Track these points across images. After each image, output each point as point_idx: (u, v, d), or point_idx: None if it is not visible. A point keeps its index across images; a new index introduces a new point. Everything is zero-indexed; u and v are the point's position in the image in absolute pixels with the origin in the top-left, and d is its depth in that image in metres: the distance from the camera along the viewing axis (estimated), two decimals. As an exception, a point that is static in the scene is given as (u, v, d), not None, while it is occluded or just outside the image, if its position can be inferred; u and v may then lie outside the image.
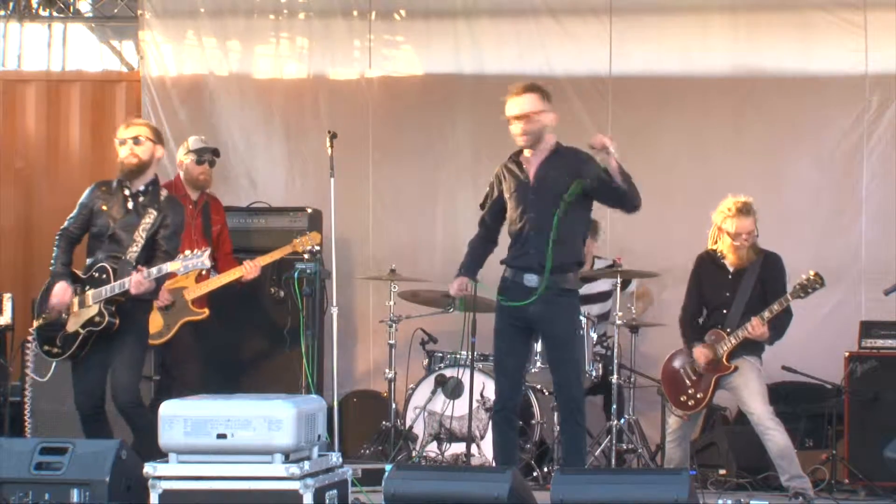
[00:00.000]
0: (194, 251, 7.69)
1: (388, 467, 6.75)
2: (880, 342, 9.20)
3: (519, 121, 7.63)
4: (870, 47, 10.17)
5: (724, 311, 8.61)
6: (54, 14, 11.46)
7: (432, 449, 9.20)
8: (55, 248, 7.91)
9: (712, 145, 10.40)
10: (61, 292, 7.79)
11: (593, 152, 7.52)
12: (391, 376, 9.74)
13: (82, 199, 7.98)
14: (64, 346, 7.79)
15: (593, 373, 9.37)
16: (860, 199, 10.22)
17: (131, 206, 7.87)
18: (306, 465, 6.66)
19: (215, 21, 11.01)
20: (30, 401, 8.61)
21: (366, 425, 9.94)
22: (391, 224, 10.74)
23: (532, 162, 7.64)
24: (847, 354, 9.17)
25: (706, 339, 8.57)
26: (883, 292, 9.13)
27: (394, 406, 9.61)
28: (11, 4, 11.35)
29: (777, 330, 8.51)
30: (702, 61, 10.46)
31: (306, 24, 11.00)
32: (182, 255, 7.67)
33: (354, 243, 10.59)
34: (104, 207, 7.89)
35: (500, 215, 7.78)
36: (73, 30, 11.51)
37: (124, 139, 7.92)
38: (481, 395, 8.92)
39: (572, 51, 10.59)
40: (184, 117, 10.91)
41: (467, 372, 8.80)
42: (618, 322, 9.23)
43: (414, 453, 9.21)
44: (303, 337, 8.88)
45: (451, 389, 9.23)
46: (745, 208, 8.53)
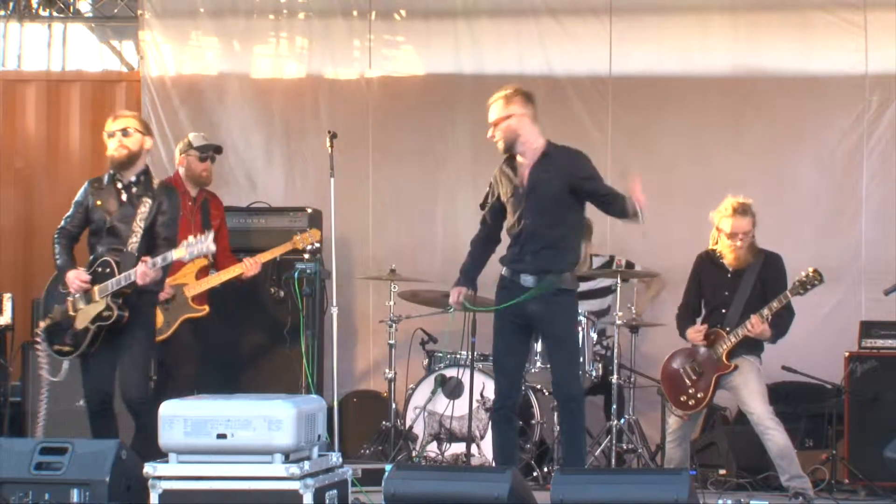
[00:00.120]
0: (198, 237, 7.71)
1: (388, 467, 6.75)
2: (880, 342, 9.20)
3: (490, 128, 7.69)
4: (870, 47, 10.17)
5: (723, 310, 8.61)
6: (54, 14, 11.46)
7: (432, 449, 9.20)
8: (55, 246, 7.92)
9: (712, 145, 10.40)
10: (75, 277, 7.80)
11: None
12: (391, 376, 9.74)
13: (77, 198, 8.00)
14: (75, 343, 7.81)
15: (593, 373, 9.38)
16: (860, 199, 10.22)
17: (125, 197, 7.89)
18: (306, 465, 6.66)
19: (215, 21, 11.01)
20: (46, 402, 8.58)
21: (366, 425, 9.94)
22: (391, 224, 10.74)
23: (524, 166, 7.66)
24: (847, 354, 9.17)
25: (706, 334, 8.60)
26: (883, 292, 9.13)
27: (394, 406, 9.61)
28: (11, 4, 11.35)
29: (779, 328, 8.51)
30: (702, 61, 10.46)
31: (306, 24, 11.00)
32: (186, 242, 7.69)
33: (354, 243, 10.59)
34: (98, 203, 7.91)
35: (501, 215, 7.79)
36: (73, 30, 11.51)
37: (113, 132, 7.93)
38: (481, 395, 8.92)
39: (572, 51, 10.59)
40: (184, 117, 10.91)
41: (467, 372, 8.81)
42: (618, 322, 9.24)
43: (414, 453, 9.21)
44: (303, 337, 8.88)
45: (451, 389, 9.23)
46: (742, 209, 8.54)
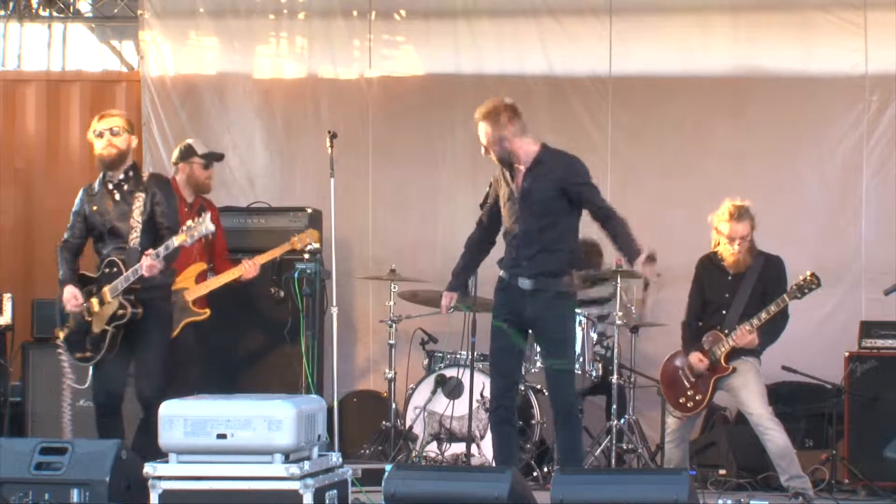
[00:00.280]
0: (195, 220, 7.72)
1: (388, 467, 6.75)
2: (880, 342, 9.19)
3: (482, 147, 7.71)
4: (870, 47, 10.16)
5: (722, 311, 8.62)
6: (54, 14, 11.46)
7: (432, 449, 9.20)
8: (58, 258, 7.98)
9: (712, 145, 10.40)
10: (70, 297, 7.87)
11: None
12: (391, 376, 9.74)
13: (74, 208, 8.07)
14: (95, 348, 7.83)
15: (593, 373, 9.38)
16: (860, 199, 10.22)
17: (119, 196, 7.91)
18: (306, 465, 6.66)
19: (215, 21, 11.01)
20: (69, 405, 8.58)
21: (366, 425, 9.94)
22: (391, 224, 10.74)
23: (520, 171, 7.67)
24: (847, 354, 9.17)
25: (703, 339, 8.59)
26: (883, 292, 9.15)
27: (394, 406, 9.61)
28: (11, 4, 11.35)
29: (769, 335, 8.52)
30: (702, 61, 10.46)
31: (306, 24, 11.00)
32: (185, 227, 7.70)
33: (354, 243, 10.59)
34: (94, 208, 7.95)
35: (497, 217, 7.81)
36: (73, 30, 11.50)
37: (101, 131, 7.93)
38: (481, 395, 8.92)
39: (572, 51, 10.59)
40: (184, 117, 10.91)
41: (467, 372, 8.81)
42: (618, 322, 9.24)
43: (414, 453, 9.20)
44: (303, 337, 8.87)
45: (451, 389, 9.23)
46: (740, 212, 8.55)
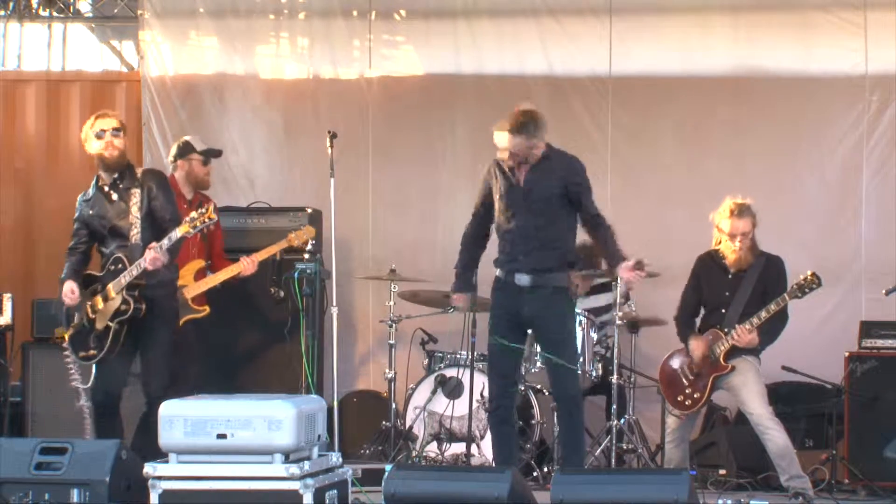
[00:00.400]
0: (198, 210, 7.72)
1: (388, 467, 6.75)
2: (880, 342, 9.19)
3: (504, 153, 7.70)
4: (870, 47, 10.16)
5: (722, 310, 8.62)
6: (54, 14, 11.46)
7: (432, 449, 9.20)
8: (66, 262, 8.00)
9: (712, 145, 10.40)
10: (68, 290, 7.88)
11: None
12: (391, 376, 9.74)
13: (75, 215, 8.08)
14: (99, 345, 7.83)
15: (593, 373, 9.37)
16: (860, 199, 10.22)
17: (115, 196, 7.91)
18: (306, 465, 6.66)
19: (215, 21, 11.01)
20: (88, 407, 8.58)
21: (366, 425, 9.94)
22: (391, 224, 10.73)
23: (522, 167, 7.66)
24: (847, 354, 9.17)
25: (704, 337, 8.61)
26: (883, 293, 9.15)
27: (394, 406, 9.61)
28: (11, 4, 11.34)
29: (769, 335, 8.52)
30: (702, 61, 10.45)
31: (306, 24, 11.00)
32: (188, 218, 7.71)
33: (354, 243, 10.58)
34: (92, 212, 7.95)
35: (492, 208, 7.81)
36: (73, 30, 11.50)
37: (102, 131, 7.91)
38: (481, 395, 8.91)
39: (572, 51, 10.59)
40: (184, 117, 10.91)
41: (467, 372, 8.81)
42: (618, 322, 9.23)
43: (414, 453, 9.20)
44: (303, 337, 8.87)
45: (451, 389, 9.23)
46: (741, 210, 8.55)
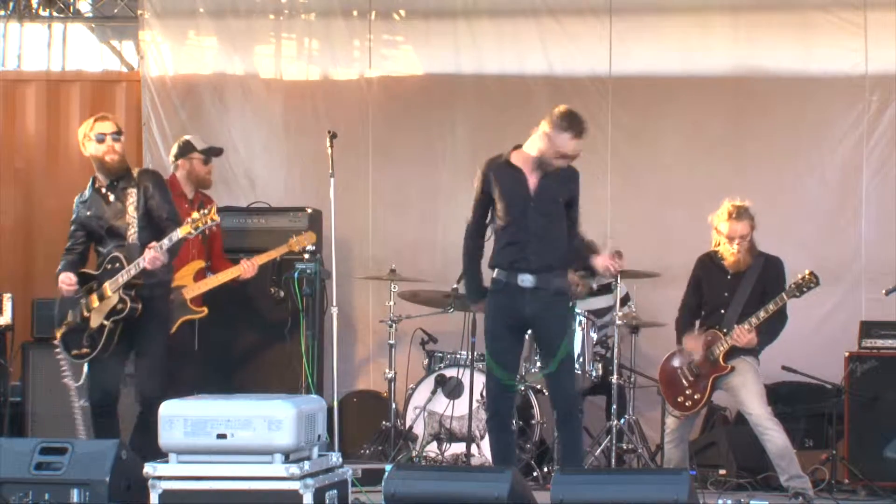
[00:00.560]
0: (200, 211, 7.71)
1: (388, 467, 6.75)
2: (880, 342, 9.19)
3: (565, 159, 7.65)
4: (870, 47, 10.16)
5: (721, 311, 8.62)
6: (54, 14, 11.46)
7: (432, 449, 9.20)
8: (62, 260, 7.98)
9: (712, 145, 10.40)
10: (66, 278, 7.87)
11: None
12: (391, 376, 9.74)
13: (72, 216, 8.07)
14: (92, 344, 7.83)
15: (593, 373, 9.37)
16: (860, 199, 10.22)
17: (112, 197, 7.91)
18: (306, 465, 6.66)
19: (215, 21, 11.01)
20: (78, 406, 8.58)
21: (366, 425, 9.94)
22: (391, 224, 10.73)
23: (526, 169, 7.65)
24: (847, 354, 9.17)
25: (703, 338, 8.61)
26: (883, 293, 9.15)
27: (394, 406, 9.61)
28: (11, 4, 11.34)
29: (768, 335, 8.53)
30: (702, 61, 10.45)
31: (306, 24, 11.00)
32: (190, 219, 7.70)
33: (354, 243, 10.58)
34: (89, 213, 7.95)
35: (486, 212, 7.80)
36: (73, 30, 11.50)
37: (102, 134, 7.91)
38: (481, 395, 8.91)
39: (572, 51, 10.59)
40: (184, 117, 10.91)
41: (467, 372, 8.81)
42: (618, 322, 9.24)
43: (414, 453, 9.20)
44: (303, 337, 8.88)
45: (451, 389, 9.23)
46: (739, 212, 8.55)
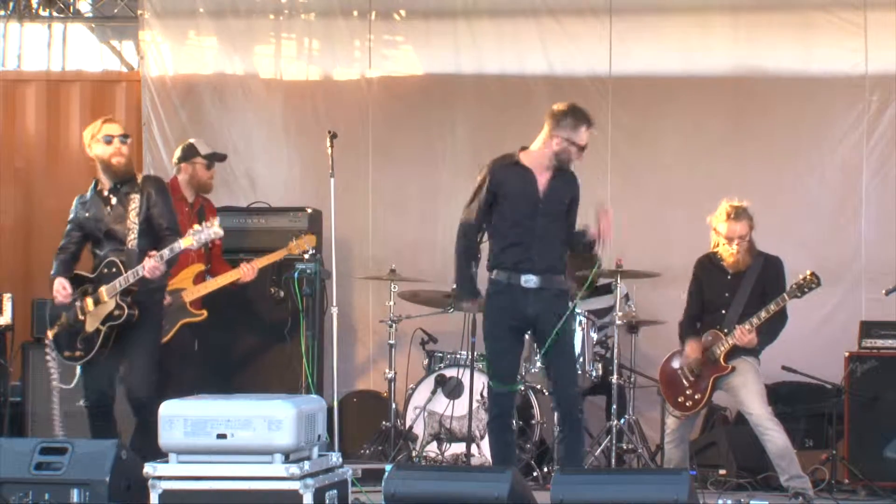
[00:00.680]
0: (203, 223, 7.70)
1: (388, 467, 6.75)
2: (880, 342, 9.19)
3: (582, 151, 7.70)
4: (870, 47, 10.17)
5: (722, 311, 8.62)
6: (54, 14, 11.46)
7: (432, 449, 9.20)
8: (54, 261, 7.96)
9: (712, 145, 10.40)
10: (59, 287, 7.84)
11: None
12: (391, 376, 9.74)
13: (70, 216, 8.04)
14: (86, 347, 7.81)
15: (593, 373, 9.37)
16: (860, 199, 10.22)
17: (114, 200, 7.89)
18: (306, 465, 6.66)
19: (215, 21, 11.01)
20: (58, 405, 8.58)
21: (366, 425, 9.94)
22: (391, 224, 10.73)
23: (536, 171, 7.66)
24: (847, 354, 9.17)
25: (703, 338, 8.60)
26: (883, 293, 9.15)
27: (394, 406, 9.61)
28: (11, 4, 11.35)
29: (768, 335, 8.53)
30: (702, 61, 10.46)
31: (306, 24, 11.00)
32: (192, 230, 7.69)
33: (354, 243, 10.58)
34: (88, 215, 7.93)
35: (487, 214, 7.79)
36: (73, 30, 11.50)
37: (110, 136, 7.89)
38: (481, 395, 8.91)
39: (572, 51, 10.59)
40: (184, 117, 10.91)
41: (467, 372, 8.81)
42: (618, 322, 9.24)
43: (414, 453, 9.20)
44: (303, 337, 8.87)
45: (451, 389, 9.23)
46: (738, 212, 8.56)
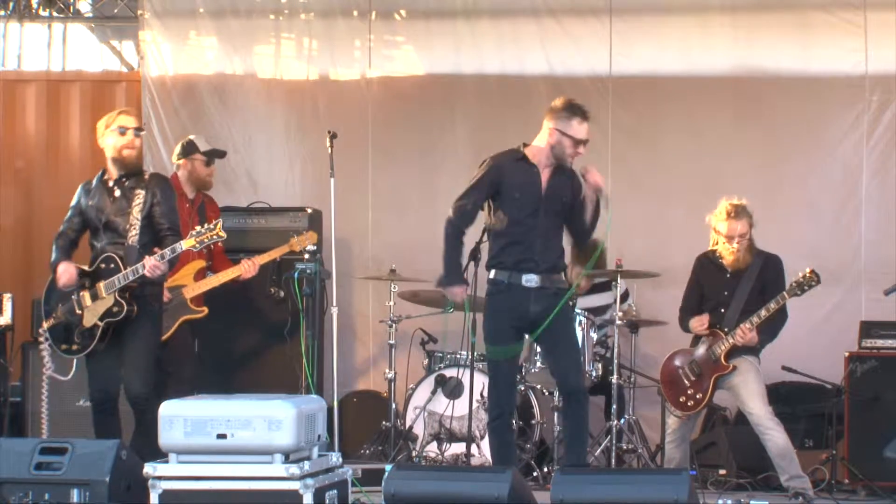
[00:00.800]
0: (206, 225, 7.71)
1: (388, 467, 6.75)
2: (880, 342, 9.19)
3: (581, 145, 7.66)
4: (870, 47, 10.17)
5: (721, 310, 8.63)
6: (54, 14, 11.46)
7: (432, 449, 9.20)
8: (53, 247, 7.94)
9: (712, 145, 10.40)
10: (65, 270, 7.82)
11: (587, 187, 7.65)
12: (391, 376, 9.74)
13: (72, 202, 8.05)
14: (83, 341, 7.81)
15: (593, 373, 9.37)
16: (860, 199, 10.22)
17: (118, 193, 7.90)
18: (306, 465, 6.66)
19: (215, 21, 11.01)
20: (47, 401, 8.59)
21: (366, 425, 9.94)
22: (391, 224, 10.73)
23: (541, 167, 7.66)
24: (847, 354, 9.17)
25: (703, 338, 8.61)
26: (883, 293, 9.15)
27: (394, 406, 9.61)
28: (11, 4, 11.35)
29: (769, 333, 8.54)
30: (702, 61, 10.46)
31: (306, 24, 11.00)
32: (194, 231, 7.70)
33: (354, 243, 10.58)
34: (91, 203, 7.93)
35: (482, 204, 7.78)
36: (73, 30, 11.50)
37: (125, 128, 7.90)
38: (481, 395, 8.91)
39: (572, 51, 10.59)
40: (184, 117, 10.91)
41: (467, 372, 8.81)
42: (618, 322, 9.24)
43: (414, 453, 9.21)
44: (303, 337, 8.87)
45: (451, 389, 9.23)
46: (737, 211, 8.56)
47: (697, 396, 8.63)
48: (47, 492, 6.76)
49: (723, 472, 9.01)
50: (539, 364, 9.05)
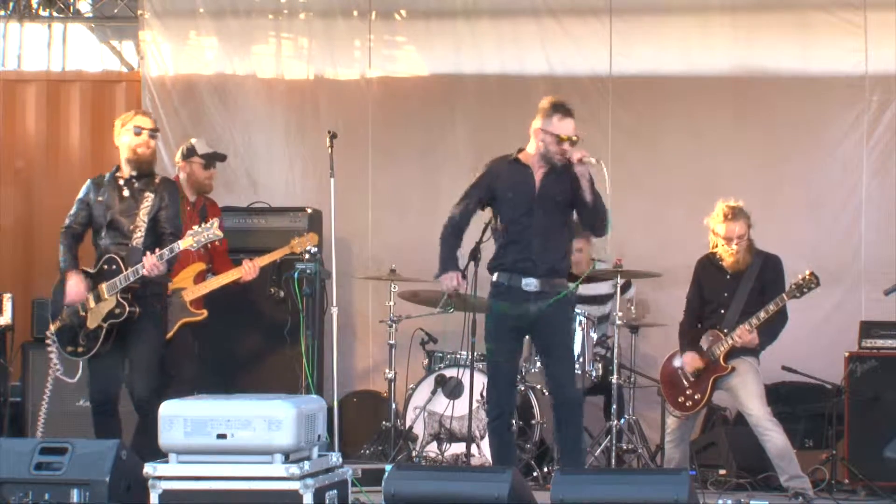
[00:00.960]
0: (203, 225, 7.72)
1: (388, 467, 6.75)
2: (880, 342, 9.19)
3: (567, 143, 7.63)
4: (870, 47, 10.17)
5: (721, 311, 8.63)
6: (54, 14, 11.46)
7: (432, 449, 9.20)
8: (60, 246, 7.96)
9: (712, 145, 10.40)
10: (75, 286, 7.84)
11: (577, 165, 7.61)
12: (391, 376, 9.74)
13: (80, 195, 8.06)
14: (88, 343, 7.83)
15: (593, 373, 9.37)
16: (860, 199, 10.22)
17: (127, 192, 7.91)
18: (306, 465, 6.66)
19: (215, 21, 11.01)
20: (47, 402, 8.59)
21: (366, 425, 9.94)
22: (391, 224, 10.73)
23: (534, 168, 7.66)
24: (847, 354, 9.17)
25: (703, 338, 8.61)
26: (883, 293, 9.15)
27: (394, 406, 9.61)
28: (11, 4, 11.35)
29: (768, 335, 8.54)
30: (702, 61, 10.46)
31: (306, 24, 11.00)
32: (192, 231, 7.71)
33: (354, 243, 10.59)
34: (100, 199, 7.94)
35: (477, 207, 7.78)
36: (73, 30, 11.50)
37: (141, 128, 7.92)
38: (481, 395, 8.90)
39: (572, 51, 10.59)
40: (184, 117, 10.92)
41: (467, 372, 8.80)
42: (618, 322, 9.24)
43: (414, 453, 9.20)
44: (303, 337, 8.87)
45: (451, 389, 9.22)
46: (735, 212, 8.56)
47: (696, 397, 8.63)
48: (47, 492, 6.76)
49: (723, 472, 9.01)
50: (539, 364, 9.04)
